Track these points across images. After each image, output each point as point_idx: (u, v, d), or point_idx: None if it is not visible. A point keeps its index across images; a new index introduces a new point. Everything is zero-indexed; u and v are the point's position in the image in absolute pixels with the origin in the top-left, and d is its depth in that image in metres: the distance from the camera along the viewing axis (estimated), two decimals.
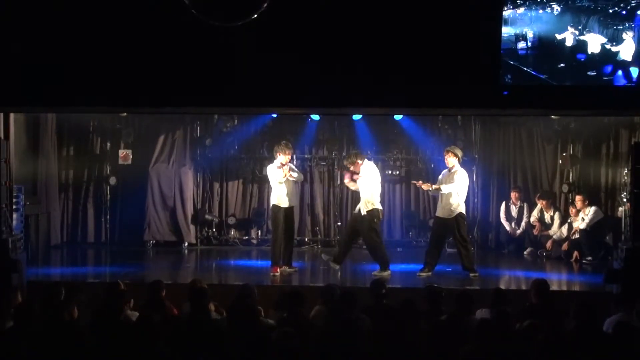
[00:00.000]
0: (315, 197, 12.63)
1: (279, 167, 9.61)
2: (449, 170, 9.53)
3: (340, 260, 9.69)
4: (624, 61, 7.81)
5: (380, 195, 9.67)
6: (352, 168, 9.63)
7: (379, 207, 9.52)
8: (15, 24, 7.91)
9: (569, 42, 7.83)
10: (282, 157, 9.61)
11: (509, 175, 12.51)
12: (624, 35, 7.78)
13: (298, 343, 4.87)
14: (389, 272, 9.35)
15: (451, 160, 9.49)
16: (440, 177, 9.71)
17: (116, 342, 4.96)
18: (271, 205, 9.78)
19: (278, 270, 9.47)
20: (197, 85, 8.01)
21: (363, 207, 9.44)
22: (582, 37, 7.80)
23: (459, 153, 9.63)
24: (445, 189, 9.40)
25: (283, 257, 9.65)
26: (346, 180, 9.95)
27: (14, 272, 8.29)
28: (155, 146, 12.35)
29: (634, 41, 7.78)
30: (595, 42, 7.80)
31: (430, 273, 9.36)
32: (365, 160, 9.68)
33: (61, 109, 10.10)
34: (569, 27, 7.80)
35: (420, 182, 10.21)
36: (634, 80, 7.85)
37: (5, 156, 8.81)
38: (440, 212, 9.54)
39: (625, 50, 7.81)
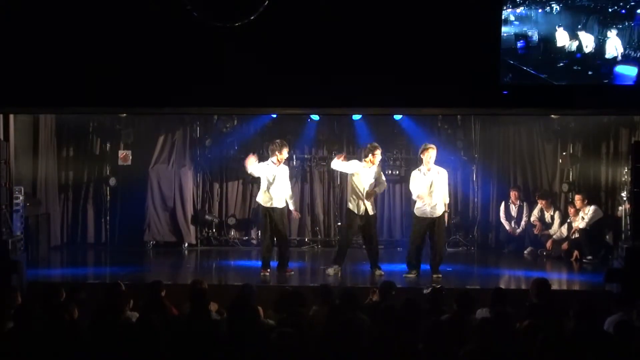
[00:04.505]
0: (315, 197, 12.64)
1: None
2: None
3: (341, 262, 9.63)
4: (622, 60, 7.81)
5: (380, 195, 9.68)
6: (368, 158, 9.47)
7: None
8: (15, 24, 7.92)
9: (562, 42, 7.83)
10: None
11: (508, 175, 12.51)
12: (622, 35, 7.78)
13: (298, 343, 4.87)
14: None
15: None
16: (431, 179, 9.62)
17: (116, 343, 4.95)
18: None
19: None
20: (196, 86, 8.01)
21: (371, 207, 9.48)
22: (575, 37, 7.81)
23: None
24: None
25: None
26: (338, 161, 9.63)
27: (14, 273, 8.30)
28: (155, 147, 12.34)
29: (634, 39, 7.79)
30: (588, 41, 7.80)
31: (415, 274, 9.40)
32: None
33: (61, 109, 10.09)
34: (557, 27, 7.81)
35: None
36: (634, 79, 7.85)
37: (5, 157, 8.83)
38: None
39: (618, 49, 7.81)
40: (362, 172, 9.43)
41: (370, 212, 9.46)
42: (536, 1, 7.81)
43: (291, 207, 9.87)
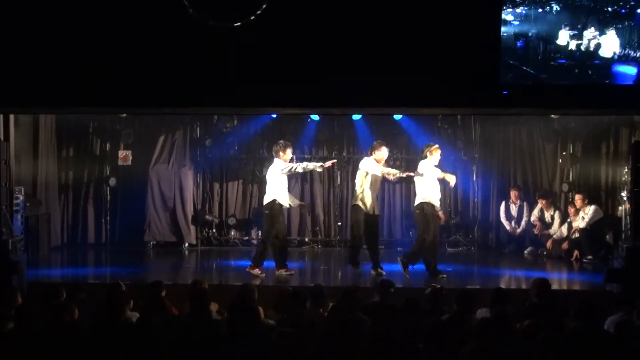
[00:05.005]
0: (316, 197, 12.64)
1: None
2: None
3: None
4: (622, 60, 7.81)
5: (380, 195, 9.67)
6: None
7: None
8: (15, 24, 7.92)
9: (563, 41, 7.84)
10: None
11: (509, 175, 12.51)
12: (622, 34, 7.78)
13: (298, 343, 4.87)
14: None
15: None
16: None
17: (116, 343, 4.95)
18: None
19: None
20: (196, 86, 8.01)
21: (377, 206, 9.55)
22: (576, 36, 7.81)
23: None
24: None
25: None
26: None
27: (14, 274, 8.29)
28: (155, 147, 12.35)
29: (634, 39, 7.79)
30: (588, 40, 7.81)
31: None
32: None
33: (61, 109, 10.09)
34: (562, 26, 7.82)
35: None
36: (634, 79, 7.85)
37: (5, 157, 8.82)
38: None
39: (618, 49, 7.82)
40: (377, 171, 9.47)
41: (376, 212, 9.53)
42: (536, 1, 7.81)
43: (294, 204, 9.98)
